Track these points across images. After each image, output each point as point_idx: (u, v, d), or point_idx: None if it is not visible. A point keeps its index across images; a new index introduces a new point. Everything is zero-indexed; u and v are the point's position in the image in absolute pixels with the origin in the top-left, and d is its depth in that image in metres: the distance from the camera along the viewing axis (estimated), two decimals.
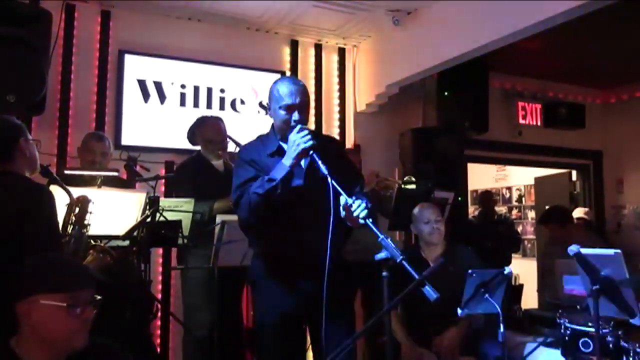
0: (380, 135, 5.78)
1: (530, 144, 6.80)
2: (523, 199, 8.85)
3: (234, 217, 2.69)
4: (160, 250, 4.59)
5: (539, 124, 6.96)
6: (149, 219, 3.01)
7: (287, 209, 2.32)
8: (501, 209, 8.49)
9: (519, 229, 8.26)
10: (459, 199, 5.32)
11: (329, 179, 2.12)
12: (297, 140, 2.26)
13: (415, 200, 3.81)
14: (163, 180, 4.41)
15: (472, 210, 7.82)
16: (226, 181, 3.79)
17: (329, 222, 2.11)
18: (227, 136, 3.97)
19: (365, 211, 2.08)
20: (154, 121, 4.84)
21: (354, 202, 2.10)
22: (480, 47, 4.28)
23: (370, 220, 2.07)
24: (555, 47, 5.72)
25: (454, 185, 4.96)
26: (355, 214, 2.08)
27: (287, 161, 2.28)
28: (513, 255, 6.20)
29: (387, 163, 5.54)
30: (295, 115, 2.34)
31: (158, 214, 3.06)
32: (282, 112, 2.36)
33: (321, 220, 2.18)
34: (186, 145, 4.21)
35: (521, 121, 6.88)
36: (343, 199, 2.12)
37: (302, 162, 2.37)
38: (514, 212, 8.89)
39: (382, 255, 1.97)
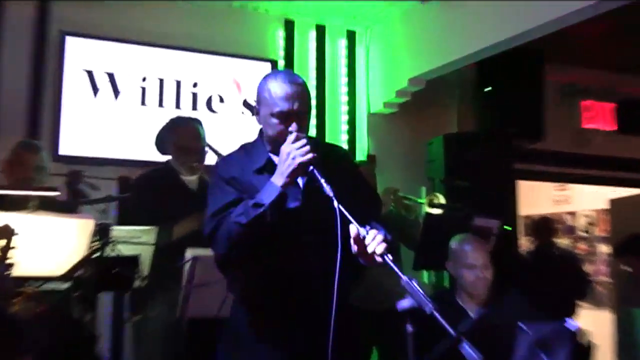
0: (402, 144, 5.80)
1: (601, 156, 6.84)
2: (592, 228, 8.83)
3: (209, 252, 2.67)
4: (111, 295, 4.57)
5: (611, 129, 6.98)
6: (96, 254, 3.00)
7: (279, 242, 2.31)
8: (563, 242, 8.47)
9: (588, 268, 8.21)
10: (506, 228, 5.30)
11: (335, 202, 2.12)
12: (292, 153, 2.23)
13: (449, 231, 3.79)
14: (116, 203, 4.40)
15: (525, 244, 7.78)
16: (201, 204, 3.80)
17: (336, 259, 2.10)
18: (206, 144, 3.97)
19: (383, 245, 2.07)
20: (105, 125, 4.85)
21: (368, 233, 2.10)
22: (533, 30, 4.31)
23: (390, 257, 2.06)
24: (630, 30, 5.75)
25: (499, 211, 4.93)
26: (370, 248, 2.07)
27: (278, 180, 2.25)
28: (580, 303, 6.16)
29: (410, 181, 5.55)
30: (293, 126, 2.34)
31: (109, 247, 3.05)
32: (275, 120, 2.36)
33: (324, 257, 2.16)
34: (148, 156, 4.21)
35: (587, 125, 6.91)
36: (354, 228, 2.11)
37: (299, 181, 2.36)
38: (581, 245, 8.87)
39: (405, 303, 1.95)
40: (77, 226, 3.12)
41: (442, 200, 4.44)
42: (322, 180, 2.17)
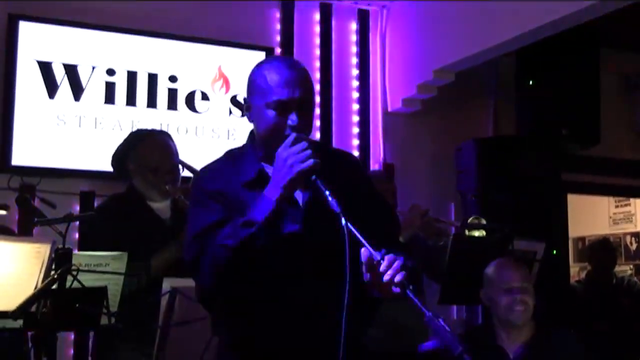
0: (425, 149, 5.82)
1: None
2: None
3: (192, 282, 2.71)
4: (72, 336, 4.59)
5: None
6: (55, 285, 3.02)
7: (276, 273, 2.32)
8: (624, 269, 8.46)
9: None
10: (554, 252, 5.32)
11: (343, 220, 2.13)
12: (290, 159, 2.22)
13: (483, 257, 3.82)
14: (78, 223, 4.45)
15: (577, 271, 7.79)
16: (175, 235, 3.82)
17: (344, 291, 2.11)
18: (179, 161, 3.99)
19: (403, 274, 2.09)
20: (64, 129, 4.89)
21: (383, 259, 2.11)
22: (588, 9, 4.31)
23: (411, 287, 2.06)
24: None
25: (545, 231, 4.97)
26: (386, 277, 2.07)
27: (272, 192, 2.24)
28: None
29: (435, 194, 5.57)
30: (293, 118, 2.35)
31: (70, 277, 3.08)
32: (271, 112, 2.36)
33: (331, 290, 2.17)
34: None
35: None
36: (366, 252, 2.14)
37: (298, 198, 2.38)
38: None
39: (430, 345, 1.98)
40: (31, 252, 3.15)
41: (483, 222, 4.46)
42: (327, 193, 2.16)
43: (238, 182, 2.39)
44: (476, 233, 4.42)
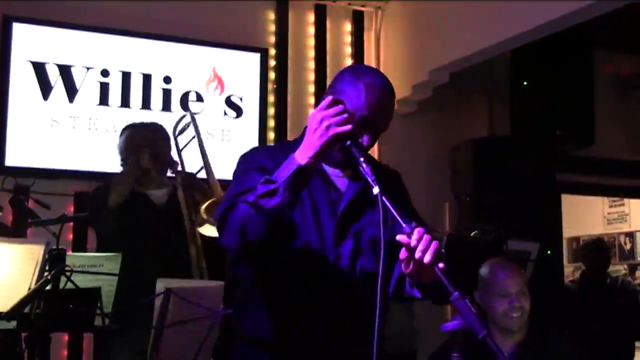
0: (420, 149, 5.83)
1: None
2: None
3: (186, 283, 2.70)
4: (67, 337, 4.60)
5: None
6: (49, 286, 3.02)
7: (309, 270, 2.30)
8: (618, 269, 8.47)
9: None
10: (548, 252, 5.33)
11: (376, 189, 2.04)
12: (326, 120, 2.12)
13: (477, 257, 3.82)
14: (72, 224, 4.45)
15: (571, 272, 7.80)
16: (172, 225, 3.90)
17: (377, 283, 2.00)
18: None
19: (434, 246, 2.01)
20: (58, 130, 4.90)
21: (412, 231, 2.02)
22: (583, 10, 4.32)
23: (442, 266, 1.99)
24: None
25: (539, 232, 4.97)
26: (417, 254, 2.00)
27: (302, 154, 2.16)
28: (638, 344, 6.17)
29: (430, 194, 5.57)
30: (365, 139, 2.28)
31: (64, 278, 3.08)
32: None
33: (359, 284, 2.20)
34: (109, 167, 4.25)
35: None
36: (402, 237, 2.03)
37: (340, 188, 2.36)
38: (639, 273, 8.87)
39: (453, 325, 1.97)
40: (25, 253, 3.15)
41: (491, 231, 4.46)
42: (362, 160, 2.11)
43: None
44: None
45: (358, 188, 2.36)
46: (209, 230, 3.80)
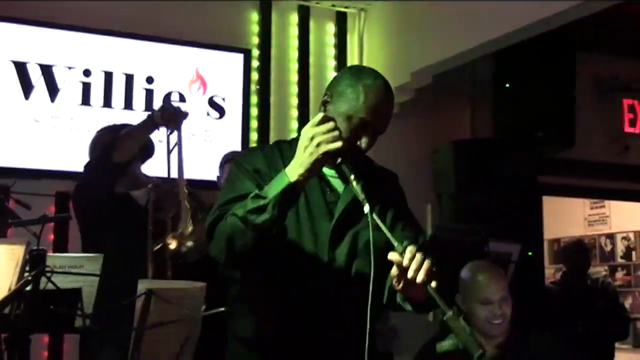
0: (403, 150, 5.83)
1: None
2: (633, 253, 8.90)
3: (166, 283, 2.70)
4: (47, 338, 4.58)
5: None
6: (29, 287, 3.01)
7: (300, 262, 2.30)
8: (599, 270, 8.52)
9: (628, 302, 8.27)
10: (530, 254, 5.35)
11: (367, 207, 2.06)
12: (317, 137, 2.12)
13: (459, 259, 3.83)
14: (53, 225, 4.43)
15: (552, 273, 7.84)
16: (153, 225, 3.90)
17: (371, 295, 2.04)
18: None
19: (426, 267, 1.99)
20: (40, 129, 4.88)
21: (404, 251, 2.01)
22: (564, 13, 4.34)
23: (434, 285, 1.98)
24: None
25: (520, 233, 4.99)
26: (410, 273, 1.99)
27: (293, 171, 2.16)
28: (618, 345, 6.21)
29: (412, 196, 5.47)
30: (365, 141, 2.31)
31: (44, 279, 3.06)
32: (345, 124, 2.28)
33: (353, 287, 2.19)
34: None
35: (628, 129, 6.98)
36: (394, 256, 2.02)
37: (339, 190, 2.37)
38: (619, 274, 8.93)
39: (447, 345, 1.97)
40: (5, 253, 3.14)
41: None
42: (352, 177, 2.13)
43: (280, 166, 2.33)
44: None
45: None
46: None
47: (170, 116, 3.82)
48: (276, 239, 2.21)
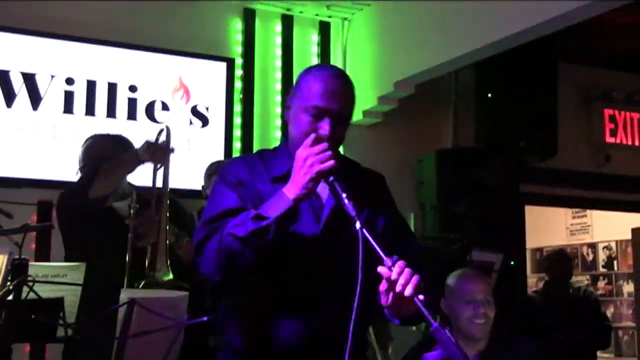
0: (386, 160, 5.84)
1: (625, 176, 6.92)
2: (615, 262, 8.95)
3: (150, 293, 2.69)
4: (29, 347, 4.54)
5: (638, 143, 7.11)
6: (10, 296, 3.00)
7: (288, 270, 2.31)
8: (581, 280, 8.56)
9: (609, 311, 8.31)
10: (512, 263, 5.37)
11: (357, 224, 2.09)
12: (310, 158, 2.21)
13: (442, 268, 3.84)
14: (35, 234, 4.40)
15: (534, 282, 7.87)
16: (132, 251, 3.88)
17: (355, 296, 2.05)
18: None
19: (414, 282, 2.03)
20: (22, 138, 4.87)
21: (393, 264, 2.06)
22: (547, 23, 4.36)
23: (422, 298, 2.01)
24: None
25: (503, 242, 5.01)
26: (398, 287, 2.03)
27: (290, 190, 2.23)
28: (600, 353, 6.23)
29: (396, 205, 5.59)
30: (325, 127, 2.33)
31: (26, 288, 3.05)
32: (306, 117, 2.34)
33: (342, 294, 2.19)
34: (74, 176, 4.22)
35: (609, 139, 7.02)
36: (383, 269, 2.06)
37: (321, 195, 2.37)
38: (601, 284, 8.98)
39: (434, 355, 1.97)
40: None
41: None
42: (344, 196, 2.16)
43: (265, 175, 2.41)
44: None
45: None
46: None
47: (155, 152, 3.81)
48: (274, 254, 2.24)
